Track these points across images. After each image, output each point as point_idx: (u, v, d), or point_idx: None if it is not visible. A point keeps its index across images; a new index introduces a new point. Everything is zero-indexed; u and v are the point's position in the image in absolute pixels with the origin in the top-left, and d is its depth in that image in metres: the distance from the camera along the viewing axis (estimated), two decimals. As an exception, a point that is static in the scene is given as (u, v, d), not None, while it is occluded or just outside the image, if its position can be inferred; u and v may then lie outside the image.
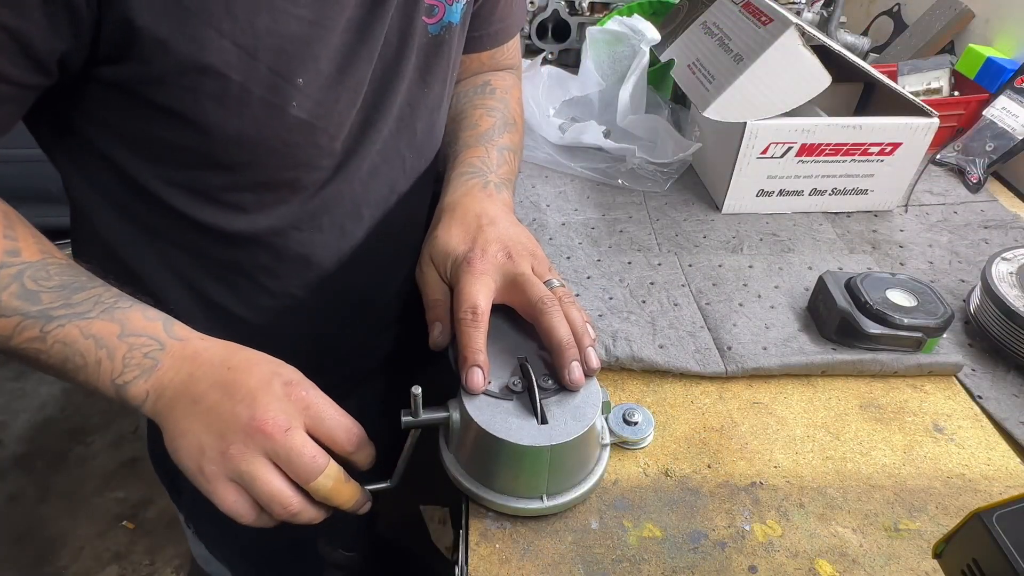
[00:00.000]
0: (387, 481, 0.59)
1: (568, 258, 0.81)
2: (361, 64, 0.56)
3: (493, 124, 0.73)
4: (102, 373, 0.48)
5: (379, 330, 0.79)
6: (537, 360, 0.56)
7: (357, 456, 0.52)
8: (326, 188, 0.62)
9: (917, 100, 0.87)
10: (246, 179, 0.57)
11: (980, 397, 0.66)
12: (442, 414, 0.54)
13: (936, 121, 0.84)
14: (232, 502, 0.48)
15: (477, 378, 0.52)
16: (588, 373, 0.55)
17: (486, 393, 0.53)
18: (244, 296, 0.66)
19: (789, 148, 0.85)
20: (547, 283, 0.58)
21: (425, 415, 0.54)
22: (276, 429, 0.46)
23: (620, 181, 0.95)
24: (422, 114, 0.66)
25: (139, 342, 0.48)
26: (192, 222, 0.59)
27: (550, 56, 1.27)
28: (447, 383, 0.56)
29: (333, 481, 0.49)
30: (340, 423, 0.50)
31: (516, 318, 0.61)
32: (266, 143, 0.54)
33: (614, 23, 1.02)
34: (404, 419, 0.53)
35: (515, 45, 0.84)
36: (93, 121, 0.54)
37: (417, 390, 0.52)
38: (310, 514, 0.50)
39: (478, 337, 0.53)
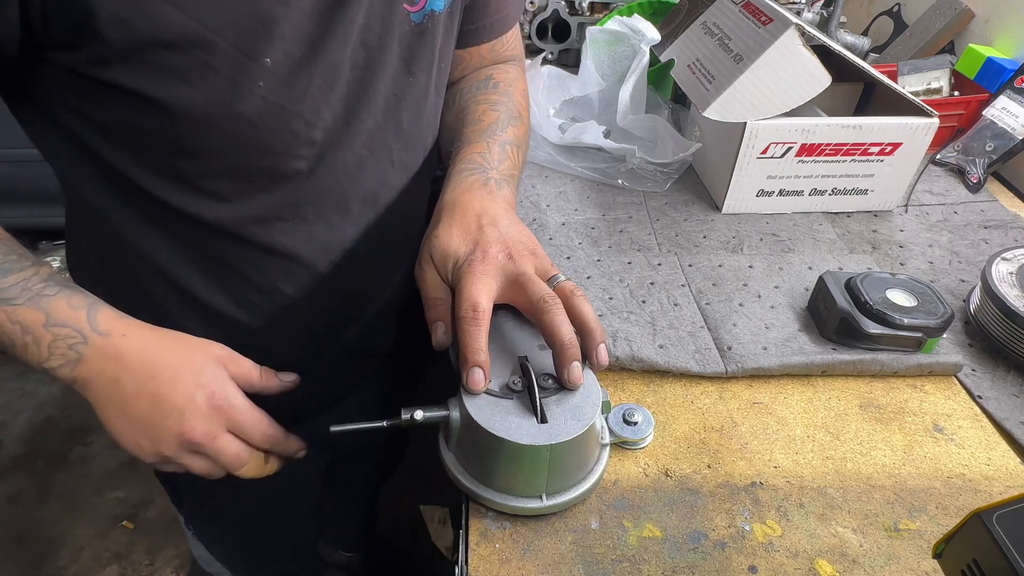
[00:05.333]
0: (384, 421, 0.58)
1: (568, 258, 0.81)
2: (334, 46, 0.55)
3: (496, 119, 0.72)
4: (29, 356, 0.51)
5: (376, 330, 0.79)
6: (537, 359, 0.56)
7: (276, 450, 0.61)
8: (310, 179, 0.61)
9: (917, 100, 0.87)
10: (221, 165, 0.57)
11: (980, 397, 0.66)
12: (442, 412, 0.54)
13: (936, 121, 0.84)
14: (173, 471, 0.57)
15: (478, 378, 0.52)
16: (595, 367, 0.55)
17: (487, 392, 0.53)
18: (233, 293, 0.66)
19: (789, 148, 0.85)
20: (552, 279, 0.57)
21: (426, 413, 0.54)
22: (205, 438, 0.54)
23: (620, 181, 0.95)
24: (408, 104, 0.65)
25: (63, 332, 0.51)
26: (174, 211, 0.59)
27: (550, 56, 1.27)
28: (447, 382, 0.56)
29: (255, 470, 0.59)
30: (257, 429, 0.57)
31: (517, 317, 0.61)
32: (234, 125, 0.53)
33: (614, 23, 1.02)
34: (404, 416, 0.53)
35: (515, 36, 0.82)
36: (69, 111, 0.54)
37: (419, 414, 0.54)
38: (250, 472, 0.59)
39: (479, 336, 0.53)
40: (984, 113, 0.99)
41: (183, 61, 0.49)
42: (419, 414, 0.54)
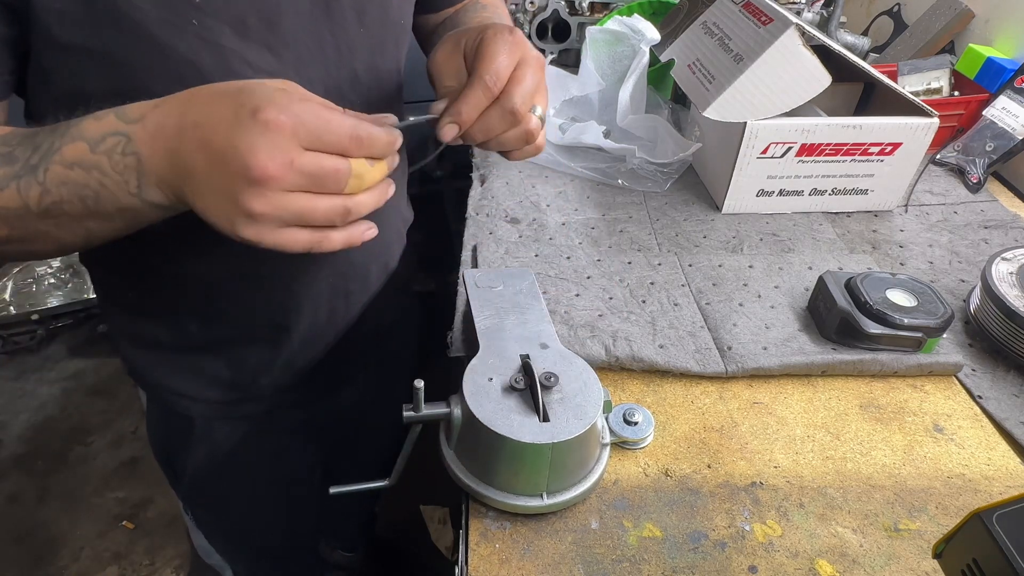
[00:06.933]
0: (386, 479, 0.59)
1: (568, 258, 0.81)
2: None
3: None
4: (118, 192, 0.46)
5: (376, 305, 0.80)
6: (539, 358, 0.57)
7: (370, 148, 0.46)
8: None
9: (917, 100, 0.87)
10: None
11: (980, 397, 0.66)
12: (443, 410, 0.54)
13: (936, 121, 0.84)
14: (304, 242, 0.46)
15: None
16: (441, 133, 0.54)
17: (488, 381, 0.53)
18: (224, 265, 0.66)
19: (789, 148, 0.85)
20: (534, 108, 0.56)
21: (427, 410, 0.54)
22: (281, 169, 0.42)
23: (620, 181, 0.95)
24: (361, 55, 0.64)
25: (109, 145, 0.45)
26: None
27: (550, 56, 1.27)
28: (447, 380, 0.56)
29: (369, 179, 0.47)
30: (337, 128, 0.44)
31: (518, 316, 0.61)
32: (178, 67, 0.53)
33: (614, 23, 1.02)
34: (406, 414, 0.54)
35: None
36: (43, 92, 0.55)
37: (419, 383, 0.52)
38: (369, 201, 0.48)
39: None
40: (984, 113, 0.99)
41: (111, 4, 0.49)
42: (420, 411, 0.54)
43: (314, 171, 0.43)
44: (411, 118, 0.53)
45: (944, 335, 0.68)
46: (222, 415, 0.78)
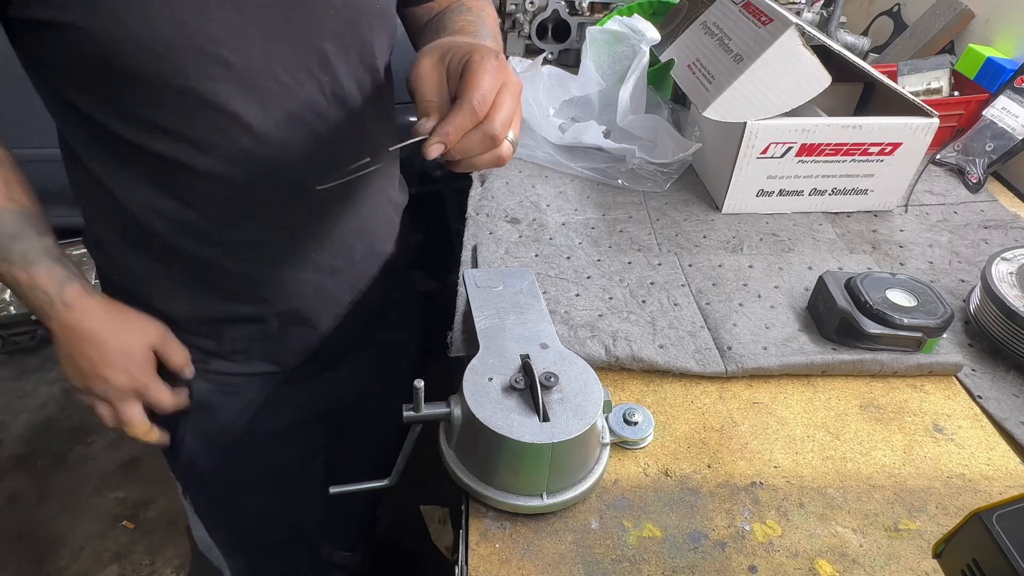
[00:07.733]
0: (386, 479, 0.59)
1: (568, 258, 0.81)
2: None
3: (476, 31, 0.72)
4: (26, 304, 0.66)
5: (374, 289, 0.81)
6: (539, 358, 0.57)
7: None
8: (235, 102, 0.61)
9: (917, 100, 0.87)
10: (148, 88, 0.58)
11: (980, 397, 0.66)
12: (443, 410, 0.54)
13: (936, 121, 0.84)
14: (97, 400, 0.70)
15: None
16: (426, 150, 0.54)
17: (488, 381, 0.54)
18: (205, 238, 0.68)
19: (789, 148, 0.85)
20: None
21: (427, 410, 0.54)
22: (117, 396, 0.70)
23: (620, 181, 0.95)
24: (330, 36, 0.64)
25: (40, 298, 0.64)
26: (129, 145, 0.61)
27: (550, 56, 1.27)
28: (447, 380, 0.56)
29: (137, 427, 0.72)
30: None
31: (518, 316, 0.61)
32: (143, 40, 0.54)
33: (614, 23, 1.02)
34: (406, 414, 0.54)
35: None
36: (31, 59, 0.58)
37: (419, 383, 0.52)
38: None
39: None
40: (984, 113, 0.99)
41: None
42: (420, 411, 0.54)
43: (125, 413, 0.71)
44: (402, 142, 0.57)
45: (944, 335, 0.68)
46: (217, 391, 0.78)
